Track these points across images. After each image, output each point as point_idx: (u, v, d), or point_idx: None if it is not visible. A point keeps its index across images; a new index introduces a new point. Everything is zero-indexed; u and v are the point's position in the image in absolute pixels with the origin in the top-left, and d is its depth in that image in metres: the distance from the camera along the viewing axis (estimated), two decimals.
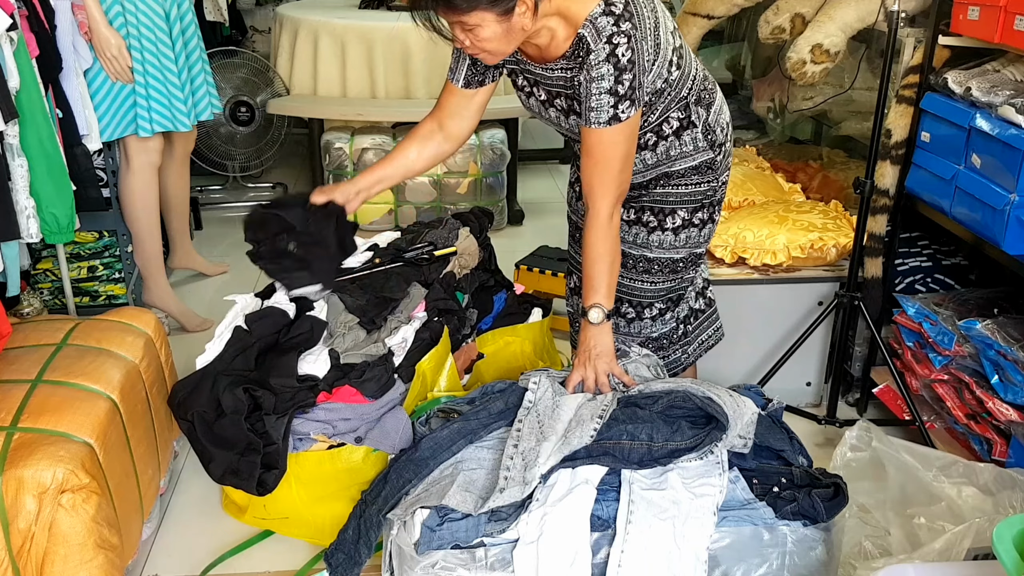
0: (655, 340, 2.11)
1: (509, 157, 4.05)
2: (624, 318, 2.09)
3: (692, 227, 1.99)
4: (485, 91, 1.96)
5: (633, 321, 2.08)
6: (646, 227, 1.99)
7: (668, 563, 1.57)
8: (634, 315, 2.08)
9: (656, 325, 2.09)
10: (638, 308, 2.07)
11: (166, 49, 2.76)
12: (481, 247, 2.42)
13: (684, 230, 1.98)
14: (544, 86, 1.85)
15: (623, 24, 1.66)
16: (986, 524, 1.70)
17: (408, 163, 2.02)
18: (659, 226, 1.98)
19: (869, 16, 2.57)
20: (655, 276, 2.03)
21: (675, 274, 2.04)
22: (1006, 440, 2.09)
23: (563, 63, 1.76)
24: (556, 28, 1.71)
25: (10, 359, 1.90)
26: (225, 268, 3.59)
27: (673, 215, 1.97)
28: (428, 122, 2.01)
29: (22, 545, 1.61)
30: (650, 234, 1.99)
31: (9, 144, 2.15)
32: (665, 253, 2.00)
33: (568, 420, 1.74)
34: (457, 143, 2.03)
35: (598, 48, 1.67)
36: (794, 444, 1.81)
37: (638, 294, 2.06)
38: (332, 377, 1.99)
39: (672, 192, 1.96)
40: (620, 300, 2.07)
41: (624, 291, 2.06)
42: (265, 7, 5.43)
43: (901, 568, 1.39)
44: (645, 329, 2.09)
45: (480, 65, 1.89)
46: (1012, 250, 1.96)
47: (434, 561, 1.59)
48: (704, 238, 2.03)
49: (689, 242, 2.00)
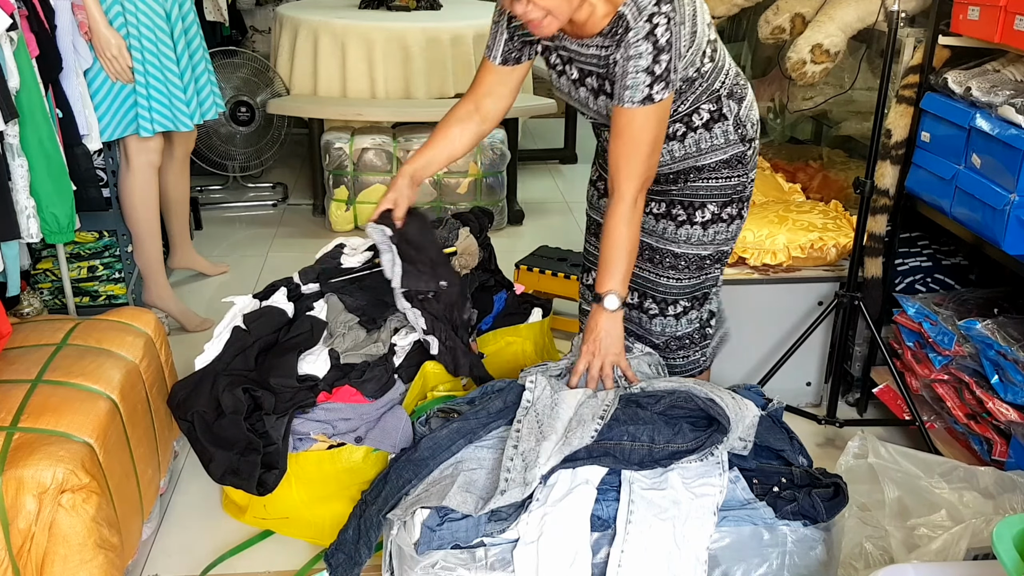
0: (678, 339, 2.10)
1: (509, 157, 4.05)
2: (646, 313, 2.07)
3: (721, 222, 1.97)
4: (522, 69, 1.95)
5: (656, 317, 2.07)
6: (674, 221, 1.98)
7: (668, 563, 1.57)
8: (657, 311, 2.06)
9: (680, 324, 2.08)
10: (662, 304, 2.06)
11: (167, 49, 2.76)
12: (481, 247, 2.42)
13: (713, 225, 1.97)
14: (577, 64, 1.85)
15: (663, 6, 1.67)
16: (983, 524, 1.70)
17: (452, 144, 2.01)
18: (688, 220, 1.97)
19: (869, 16, 2.57)
20: (680, 272, 2.02)
21: (701, 271, 2.02)
22: (1006, 440, 2.09)
23: (599, 40, 1.77)
24: (597, 4, 1.72)
25: (10, 359, 1.90)
26: (225, 268, 3.59)
27: (703, 209, 1.96)
28: (464, 103, 2.00)
29: (22, 545, 1.61)
30: (678, 228, 1.98)
31: (9, 144, 2.15)
32: (692, 249, 1.99)
33: (568, 419, 1.74)
34: (493, 123, 2.03)
35: (638, 26, 1.68)
36: (794, 444, 1.81)
37: (663, 290, 2.04)
38: (332, 377, 1.99)
39: (702, 186, 1.95)
40: (644, 295, 2.06)
41: (649, 286, 2.05)
42: (265, 7, 5.42)
43: (901, 568, 1.39)
44: (669, 327, 2.08)
45: (517, 40, 1.89)
46: (1012, 250, 1.96)
47: (434, 561, 1.59)
48: (732, 234, 2.01)
49: (717, 238, 1.99)
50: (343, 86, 4.18)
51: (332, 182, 3.97)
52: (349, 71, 4.14)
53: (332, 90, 4.19)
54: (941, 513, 1.86)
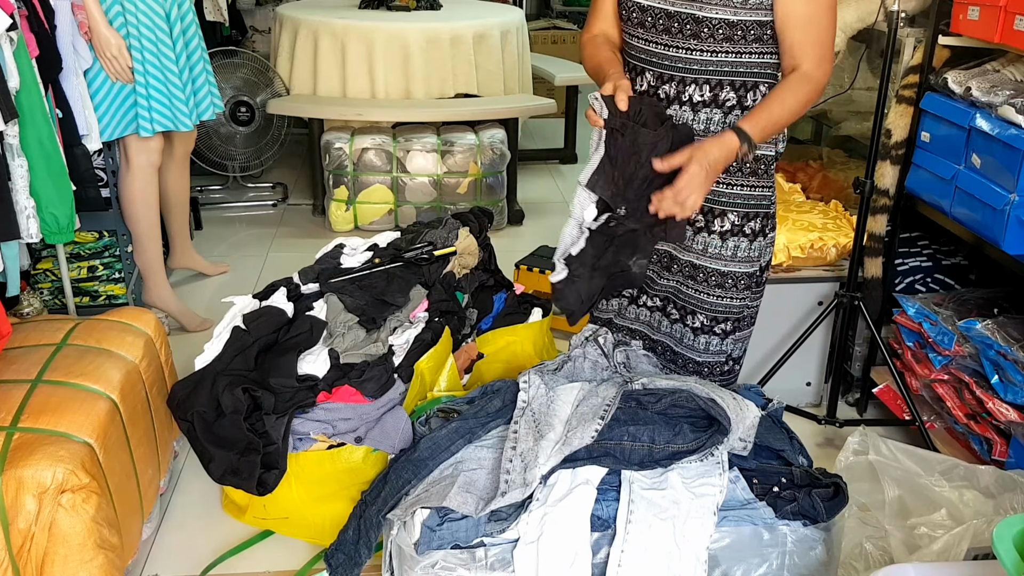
0: (736, 360, 1.98)
1: (509, 157, 4.05)
2: (668, 317, 1.97)
3: (742, 236, 1.86)
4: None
5: (699, 333, 1.93)
6: (692, 225, 1.87)
7: (668, 563, 1.57)
8: (699, 325, 1.94)
9: (726, 344, 1.94)
10: (681, 311, 1.96)
11: (166, 49, 2.76)
12: (481, 247, 2.43)
13: (733, 237, 1.86)
14: None
15: None
16: (984, 524, 1.70)
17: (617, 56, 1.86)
18: (706, 227, 1.87)
19: (869, 16, 2.57)
20: (699, 284, 1.90)
21: (722, 290, 1.89)
22: (1006, 440, 2.09)
23: None
24: None
25: (10, 359, 1.90)
26: (225, 268, 3.59)
27: (723, 218, 1.86)
28: (590, 32, 1.89)
29: (22, 545, 1.61)
30: (696, 234, 1.88)
31: (9, 144, 2.15)
32: (711, 263, 1.88)
33: (566, 416, 1.74)
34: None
35: None
36: (794, 444, 1.81)
37: (709, 306, 1.92)
38: (332, 377, 1.99)
39: (725, 192, 1.84)
40: (686, 310, 1.93)
41: (694, 302, 1.92)
42: (265, 7, 5.43)
43: (901, 568, 1.39)
44: (712, 346, 1.94)
45: None
46: (1012, 250, 1.96)
47: (434, 561, 1.59)
48: (755, 253, 1.88)
49: (738, 254, 1.87)
50: (343, 86, 4.18)
51: (332, 182, 3.97)
52: (349, 71, 4.14)
53: (332, 90, 4.19)
54: (941, 512, 1.86)
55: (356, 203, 3.97)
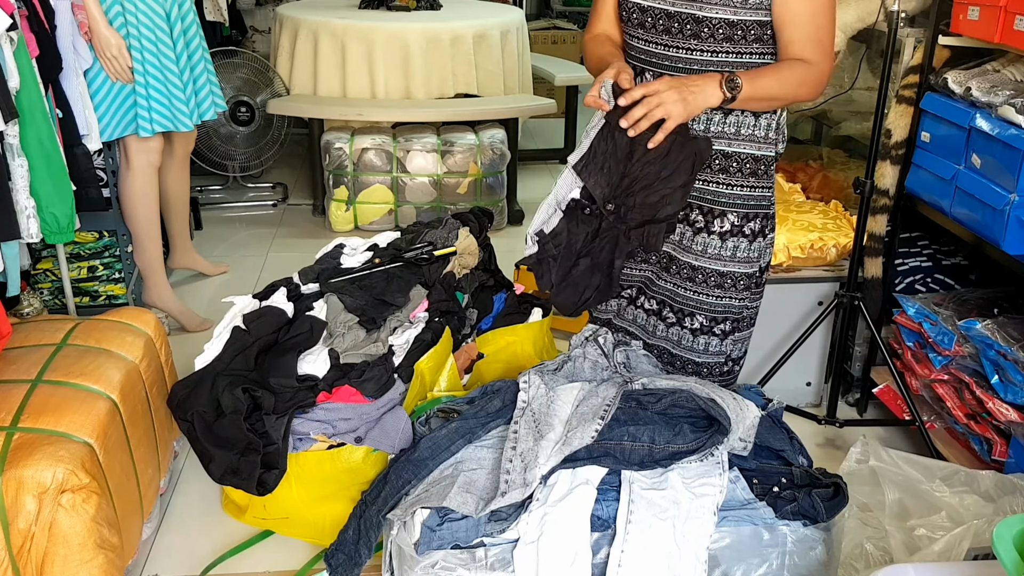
0: (735, 360, 1.98)
1: (509, 157, 4.05)
2: (664, 321, 1.96)
3: (742, 237, 1.85)
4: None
5: (698, 334, 1.93)
6: (692, 226, 1.87)
7: (668, 563, 1.57)
8: (697, 327, 1.93)
9: (725, 344, 1.94)
10: (678, 315, 1.95)
11: (166, 49, 2.76)
12: (481, 247, 2.43)
13: (732, 238, 1.85)
14: None
15: None
16: (984, 525, 1.70)
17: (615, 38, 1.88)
18: (705, 227, 1.86)
19: (869, 16, 2.57)
20: (698, 286, 1.90)
21: (721, 290, 1.89)
22: (1006, 440, 2.09)
23: None
24: None
25: (10, 359, 1.90)
26: (225, 268, 3.59)
27: (722, 218, 1.85)
28: (592, 33, 1.90)
29: (22, 545, 1.61)
30: (696, 235, 1.87)
31: (9, 144, 2.15)
32: (711, 264, 1.87)
33: (567, 416, 1.74)
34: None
35: None
36: (794, 444, 1.81)
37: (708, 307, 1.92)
38: (332, 377, 1.99)
39: (725, 192, 1.83)
40: (684, 312, 1.93)
41: (692, 304, 1.92)
42: (265, 7, 5.43)
43: (901, 568, 1.39)
44: (712, 347, 1.93)
45: None
46: (1012, 250, 1.96)
47: (434, 561, 1.59)
48: (755, 254, 1.87)
49: (737, 254, 1.86)
50: (343, 86, 4.18)
51: (332, 182, 3.97)
52: (349, 71, 4.14)
53: (332, 90, 4.19)
54: (941, 514, 1.86)
55: (356, 203, 3.97)
